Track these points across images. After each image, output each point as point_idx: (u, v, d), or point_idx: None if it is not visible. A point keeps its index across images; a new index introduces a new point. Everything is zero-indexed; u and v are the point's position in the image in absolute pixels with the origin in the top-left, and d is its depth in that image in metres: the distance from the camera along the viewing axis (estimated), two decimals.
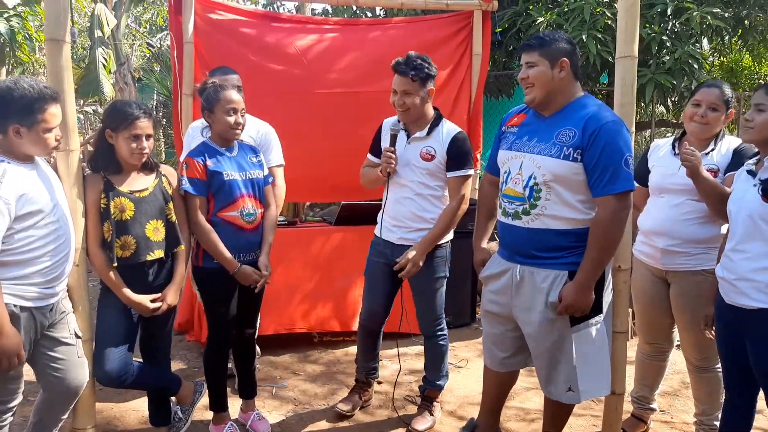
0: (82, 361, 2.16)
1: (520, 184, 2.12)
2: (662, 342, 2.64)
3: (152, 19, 14.73)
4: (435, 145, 2.62)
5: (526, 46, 2.11)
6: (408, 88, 2.53)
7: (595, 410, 2.93)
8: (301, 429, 2.79)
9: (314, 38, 3.71)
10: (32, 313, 1.94)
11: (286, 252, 3.57)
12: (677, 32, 4.85)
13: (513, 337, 2.32)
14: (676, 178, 2.39)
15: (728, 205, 2.06)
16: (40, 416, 2.18)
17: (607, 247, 2.05)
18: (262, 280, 2.51)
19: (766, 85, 1.96)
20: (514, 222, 2.16)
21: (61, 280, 2.02)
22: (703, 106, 2.36)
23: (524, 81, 2.11)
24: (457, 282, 4.00)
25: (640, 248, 2.53)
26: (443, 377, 2.88)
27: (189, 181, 2.39)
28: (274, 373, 3.40)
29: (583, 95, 2.14)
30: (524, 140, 2.16)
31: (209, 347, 2.62)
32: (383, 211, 2.74)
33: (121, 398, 3.02)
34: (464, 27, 3.84)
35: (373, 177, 2.73)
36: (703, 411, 2.55)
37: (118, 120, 2.17)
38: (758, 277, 1.91)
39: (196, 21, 3.49)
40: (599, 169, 2.00)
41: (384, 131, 2.73)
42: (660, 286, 2.51)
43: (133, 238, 2.20)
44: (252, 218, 2.49)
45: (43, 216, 1.92)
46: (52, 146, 1.96)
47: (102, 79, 8.92)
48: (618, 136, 2.00)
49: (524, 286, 2.16)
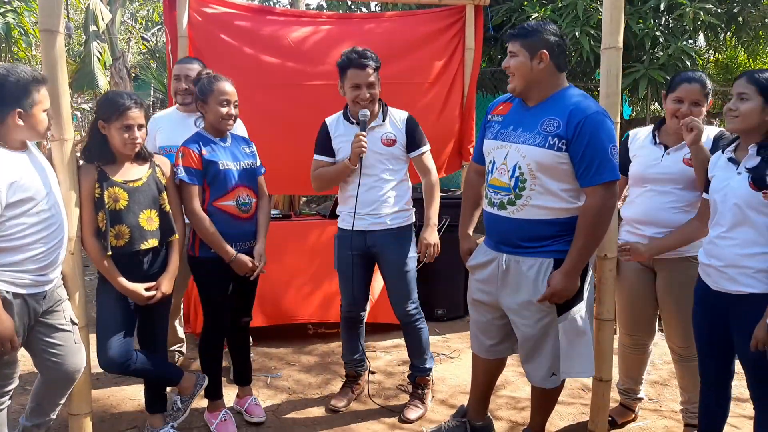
0: (80, 346, 2.19)
1: (506, 174, 2.15)
2: (643, 334, 2.64)
3: (148, 16, 14.72)
4: (393, 129, 2.74)
5: (510, 36, 2.15)
6: (373, 80, 2.64)
7: (585, 399, 2.97)
8: (295, 417, 2.83)
9: (308, 31, 3.73)
10: (25, 299, 1.97)
11: (281, 245, 3.61)
12: (671, 28, 4.88)
13: (499, 325, 2.36)
14: (659, 167, 2.41)
15: (711, 194, 2.08)
16: (38, 401, 2.21)
17: (595, 235, 2.09)
18: (258, 269, 2.55)
19: (746, 73, 1.97)
20: (499, 212, 2.19)
21: (54, 267, 2.05)
22: (686, 102, 2.35)
23: (507, 70, 2.15)
24: (450, 275, 4.04)
25: (626, 238, 2.55)
26: (429, 359, 2.92)
27: (185, 170, 2.41)
28: (269, 364, 3.44)
29: (568, 86, 2.17)
30: (509, 130, 2.19)
31: (205, 336, 2.65)
32: (348, 205, 2.76)
33: (117, 387, 3.06)
34: (457, 21, 3.86)
35: (334, 173, 2.74)
36: (689, 399, 2.58)
37: (110, 110, 2.20)
38: (747, 262, 1.94)
39: (190, 15, 3.52)
40: (586, 160, 2.03)
41: (333, 126, 2.77)
42: (646, 275, 2.53)
43: (127, 227, 2.23)
44: (247, 207, 2.53)
45: (35, 203, 1.94)
46: (46, 128, 2.00)
47: (97, 73, 8.94)
48: (602, 127, 2.03)
49: (510, 274, 2.20)
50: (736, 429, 2.64)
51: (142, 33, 13.21)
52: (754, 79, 1.94)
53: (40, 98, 1.94)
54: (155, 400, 2.56)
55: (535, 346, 2.21)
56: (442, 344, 3.81)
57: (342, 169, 2.71)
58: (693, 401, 2.55)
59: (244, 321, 2.76)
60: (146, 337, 2.49)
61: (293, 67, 3.67)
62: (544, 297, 2.11)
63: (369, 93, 2.63)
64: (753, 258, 1.92)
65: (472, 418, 2.58)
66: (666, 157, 2.41)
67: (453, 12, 3.87)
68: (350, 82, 2.64)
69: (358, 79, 2.62)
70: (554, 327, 2.17)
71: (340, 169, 2.72)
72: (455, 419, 2.60)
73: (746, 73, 1.98)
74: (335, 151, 2.76)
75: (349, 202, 2.77)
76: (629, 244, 2.41)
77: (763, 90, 1.91)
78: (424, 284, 4.08)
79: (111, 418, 2.77)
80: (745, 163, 1.97)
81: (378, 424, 2.78)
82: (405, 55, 3.84)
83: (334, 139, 2.76)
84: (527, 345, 2.24)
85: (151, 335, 2.48)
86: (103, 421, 2.71)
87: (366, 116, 2.65)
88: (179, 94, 2.95)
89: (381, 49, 3.85)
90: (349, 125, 2.73)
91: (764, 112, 1.92)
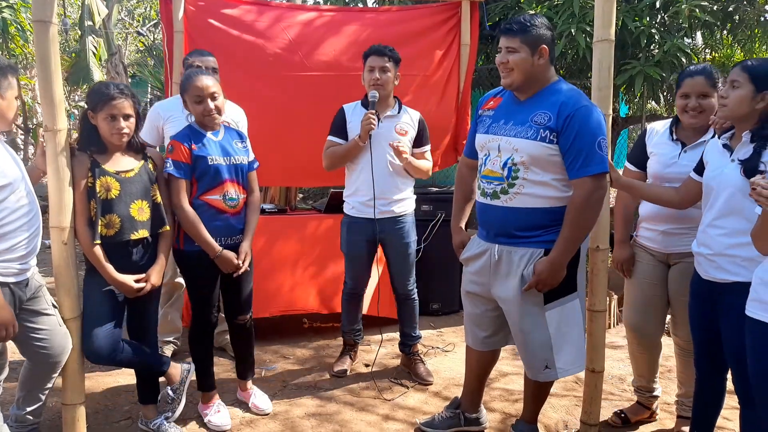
0: (64, 330, 2.20)
1: (498, 164, 2.17)
2: (652, 333, 2.60)
3: (146, 13, 14.70)
4: (408, 122, 3.03)
5: (507, 31, 2.14)
6: (386, 66, 2.90)
7: (578, 391, 2.98)
8: (289, 409, 2.83)
9: (306, 23, 3.74)
10: (11, 288, 1.99)
11: (276, 238, 3.62)
12: (667, 25, 4.89)
13: (493, 317, 2.37)
14: (677, 167, 2.38)
15: (705, 180, 2.08)
16: (28, 388, 2.23)
17: (582, 226, 2.10)
18: (243, 268, 2.53)
19: (742, 62, 1.98)
20: (492, 201, 2.20)
21: (34, 255, 2.08)
22: (692, 96, 2.34)
23: (504, 65, 2.15)
24: (445, 270, 4.06)
25: (642, 234, 2.53)
26: (418, 329, 3.27)
27: (173, 164, 2.41)
28: (264, 357, 3.45)
29: (557, 80, 2.19)
30: (501, 123, 2.20)
31: (193, 329, 2.65)
32: (359, 193, 2.99)
33: (111, 378, 3.06)
34: (452, 17, 3.88)
35: (344, 150, 2.95)
36: (685, 392, 2.58)
37: (96, 100, 2.20)
38: (736, 251, 1.94)
39: (186, 9, 3.52)
40: (574, 152, 2.05)
41: (350, 111, 3.00)
42: (660, 270, 2.50)
43: (117, 216, 2.24)
44: (234, 203, 2.52)
45: (13, 190, 1.96)
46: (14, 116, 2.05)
47: (92, 68, 8.93)
48: (590, 121, 2.05)
49: (502, 264, 2.21)
50: (728, 421, 2.65)
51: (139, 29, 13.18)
52: (746, 67, 1.94)
53: (13, 83, 1.99)
54: (148, 391, 2.56)
55: (526, 335, 2.22)
56: (437, 338, 3.82)
57: (352, 145, 2.91)
58: (689, 395, 2.55)
59: (242, 319, 2.74)
60: (135, 327, 2.48)
61: (290, 58, 3.67)
62: (530, 285, 2.12)
63: (380, 75, 2.88)
64: (742, 247, 1.92)
65: (465, 410, 2.59)
66: (683, 155, 2.38)
67: (449, 7, 3.89)
68: (367, 67, 2.94)
69: (373, 63, 2.91)
70: (542, 316, 2.18)
71: (350, 146, 2.92)
72: (449, 410, 2.62)
73: (741, 62, 1.98)
74: (349, 134, 2.97)
75: (360, 189, 2.98)
76: None
77: (754, 78, 1.91)
78: (419, 279, 4.11)
79: (104, 409, 2.78)
80: (738, 151, 1.97)
81: (371, 416, 2.78)
82: (401, 48, 3.82)
83: (349, 123, 2.98)
84: (519, 335, 2.25)
85: (141, 325, 2.48)
86: (96, 412, 2.72)
87: (375, 97, 2.88)
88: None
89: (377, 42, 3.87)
90: (365, 111, 2.90)
91: (755, 100, 1.92)
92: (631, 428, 2.68)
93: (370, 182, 2.90)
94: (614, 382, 3.20)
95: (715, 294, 2.05)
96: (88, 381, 2.68)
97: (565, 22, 4.53)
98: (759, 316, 1.74)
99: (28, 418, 2.26)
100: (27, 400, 2.24)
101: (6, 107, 2.00)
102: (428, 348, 3.61)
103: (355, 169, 2.98)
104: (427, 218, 4.00)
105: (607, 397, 2.91)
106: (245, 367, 2.85)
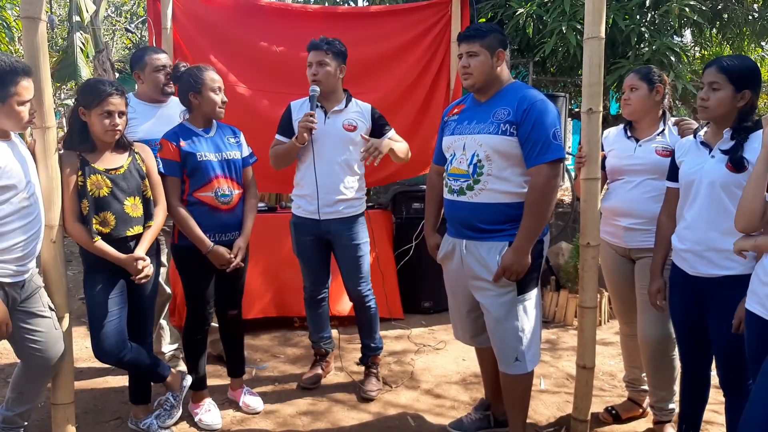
0: (59, 333, 2.18)
1: (465, 163, 2.25)
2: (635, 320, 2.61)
3: (133, 10, 14.57)
4: (356, 117, 2.84)
5: (466, 37, 2.25)
6: (324, 60, 2.71)
7: (569, 388, 3.00)
8: (280, 408, 2.83)
9: (294, 23, 3.73)
10: (5, 289, 1.97)
11: (265, 237, 3.60)
12: (656, 24, 4.92)
13: (473, 318, 2.43)
14: (633, 159, 2.48)
15: (683, 178, 2.11)
16: (20, 390, 2.21)
17: (541, 212, 2.16)
18: (235, 263, 2.53)
19: (715, 61, 1.99)
20: (459, 198, 2.27)
21: (32, 258, 2.05)
22: (625, 91, 2.49)
23: (465, 69, 2.25)
24: (435, 269, 4.03)
25: (604, 228, 2.58)
26: (379, 340, 3.07)
27: (162, 162, 2.43)
28: (255, 356, 3.44)
29: (514, 81, 2.31)
30: (465, 124, 2.30)
31: (188, 325, 2.64)
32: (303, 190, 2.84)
33: (101, 378, 3.04)
34: (443, 15, 3.88)
35: (284, 150, 2.78)
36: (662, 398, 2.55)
37: (91, 97, 2.18)
38: (724, 245, 1.95)
39: (174, 6, 3.50)
40: (531, 142, 2.15)
41: (296, 108, 2.84)
42: (626, 265, 2.56)
43: (112, 214, 2.22)
44: (227, 199, 2.51)
45: (16, 192, 1.94)
46: (26, 120, 1.97)
47: (80, 64, 8.83)
48: (546, 113, 2.15)
49: (470, 258, 2.26)
50: (716, 414, 2.68)
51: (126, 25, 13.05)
52: (724, 68, 1.96)
53: (18, 90, 1.91)
54: (139, 391, 2.55)
55: (500, 323, 2.24)
56: (428, 335, 3.83)
57: (290, 146, 2.75)
58: (666, 399, 2.54)
59: (231, 314, 2.74)
60: (134, 327, 2.45)
61: (279, 58, 3.66)
62: (497, 274, 2.18)
63: (317, 71, 2.71)
64: (730, 240, 1.94)
65: (495, 410, 2.60)
66: (638, 149, 2.48)
67: (439, 6, 3.89)
68: (307, 62, 2.76)
69: (311, 58, 2.74)
70: (514, 309, 2.22)
71: (288, 147, 2.76)
72: (478, 412, 2.62)
73: (715, 61, 2.00)
74: (295, 132, 2.75)
75: (304, 187, 2.83)
76: None
77: (732, 79, 1.95)
78: (410, 278, 4.14)
79: (94, 409, 2.75)
80: (720, 146, 2.00)
81: (363, 413, 2.79)
82: (391, 47, 3.85)
83: (295, 121, 2.80)
84: (494, 326, 2.26)
85: (139, 325, 2.46)
86: (86, 412, 2.70)
87: (315, 92, 2.71)
88: (166, 85, 2.85)
89: (367, 42, 3.85)
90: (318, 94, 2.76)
91: (735, 99, 1.96)
92: (622, 424, 2.70)
93: (314, 182, 2.77)
94: (605, 379, 3.22)
95: (702, 289, 2.07)
96: (78, 381, 2.67)
97: (555, 19, 4.55)
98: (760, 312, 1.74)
99: (17, 420, 2.24)
100: (17, 402, 2.21)
101: (9, 114, 1.92)
102: (420, 346, 3.62)
103: (301, 168, 2.85)
104: (419, 216, 4.00)
105: (598, 393, 2.93)
106: (235, 364, 2.84)
